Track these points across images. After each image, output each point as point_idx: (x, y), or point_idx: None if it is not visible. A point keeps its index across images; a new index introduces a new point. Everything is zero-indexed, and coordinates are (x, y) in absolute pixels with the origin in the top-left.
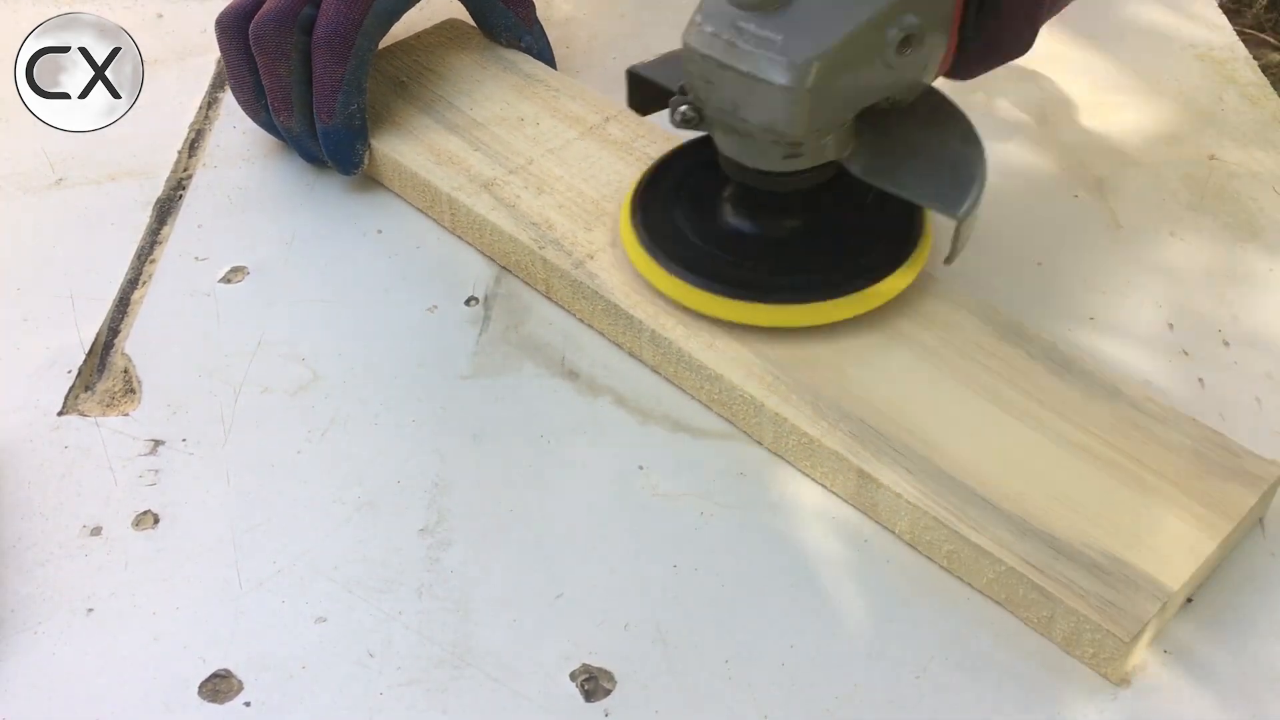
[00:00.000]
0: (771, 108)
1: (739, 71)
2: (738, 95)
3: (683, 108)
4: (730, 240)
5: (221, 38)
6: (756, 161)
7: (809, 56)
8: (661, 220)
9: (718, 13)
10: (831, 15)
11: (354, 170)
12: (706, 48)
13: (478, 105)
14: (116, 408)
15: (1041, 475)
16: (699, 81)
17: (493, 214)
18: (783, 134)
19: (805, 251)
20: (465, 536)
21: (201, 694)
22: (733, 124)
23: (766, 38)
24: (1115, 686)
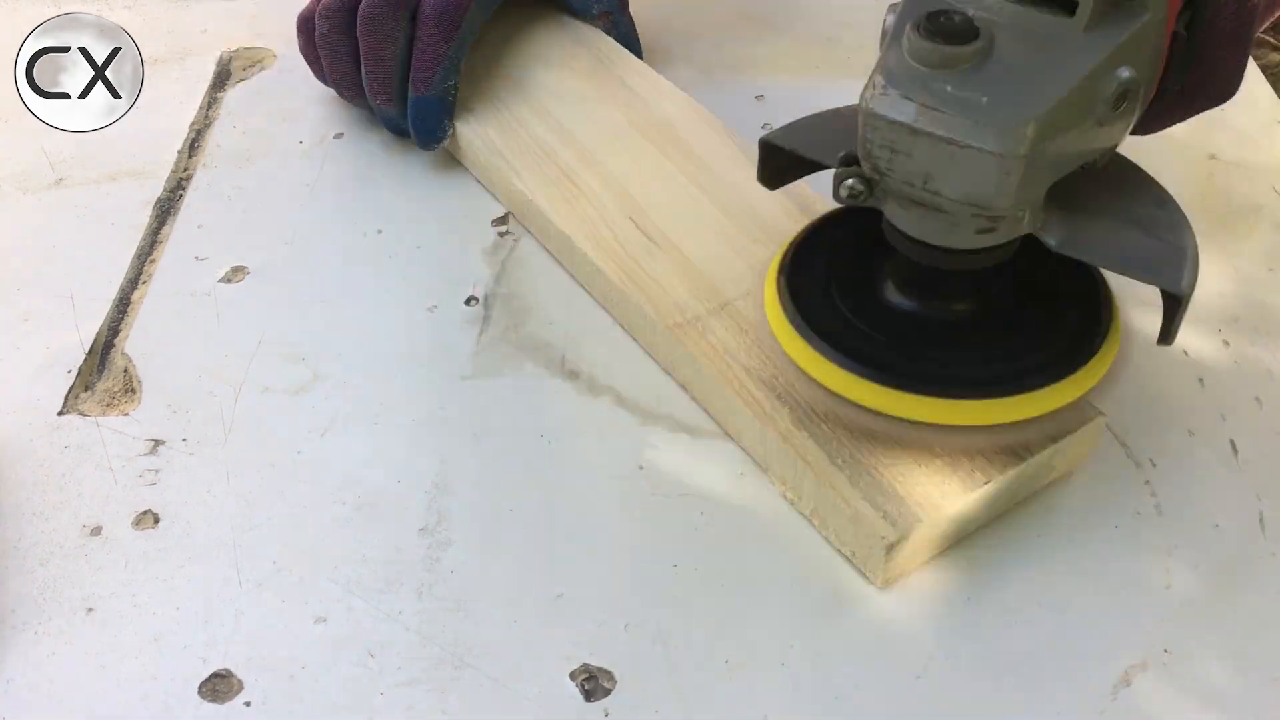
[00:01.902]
0: (976, 177)
1: (937, 138)
2: (933, 165)
3: (850, 180)
4: (890, 320)
5: (323, 23)
6: (944, 239)
7: (1023, 118)
8: (812, 293)
9: (904, 73)
10: (1041, 71)
11: (434, 145)
12: (895, 112)
13: (569, 106)
14: (116, 407)
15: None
16: (881, 151)
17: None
18: (986, 206)
19: (980, 337)
20: (465, 536)
21: (201, 694)
22: (920, 197)
23: (969, 99)
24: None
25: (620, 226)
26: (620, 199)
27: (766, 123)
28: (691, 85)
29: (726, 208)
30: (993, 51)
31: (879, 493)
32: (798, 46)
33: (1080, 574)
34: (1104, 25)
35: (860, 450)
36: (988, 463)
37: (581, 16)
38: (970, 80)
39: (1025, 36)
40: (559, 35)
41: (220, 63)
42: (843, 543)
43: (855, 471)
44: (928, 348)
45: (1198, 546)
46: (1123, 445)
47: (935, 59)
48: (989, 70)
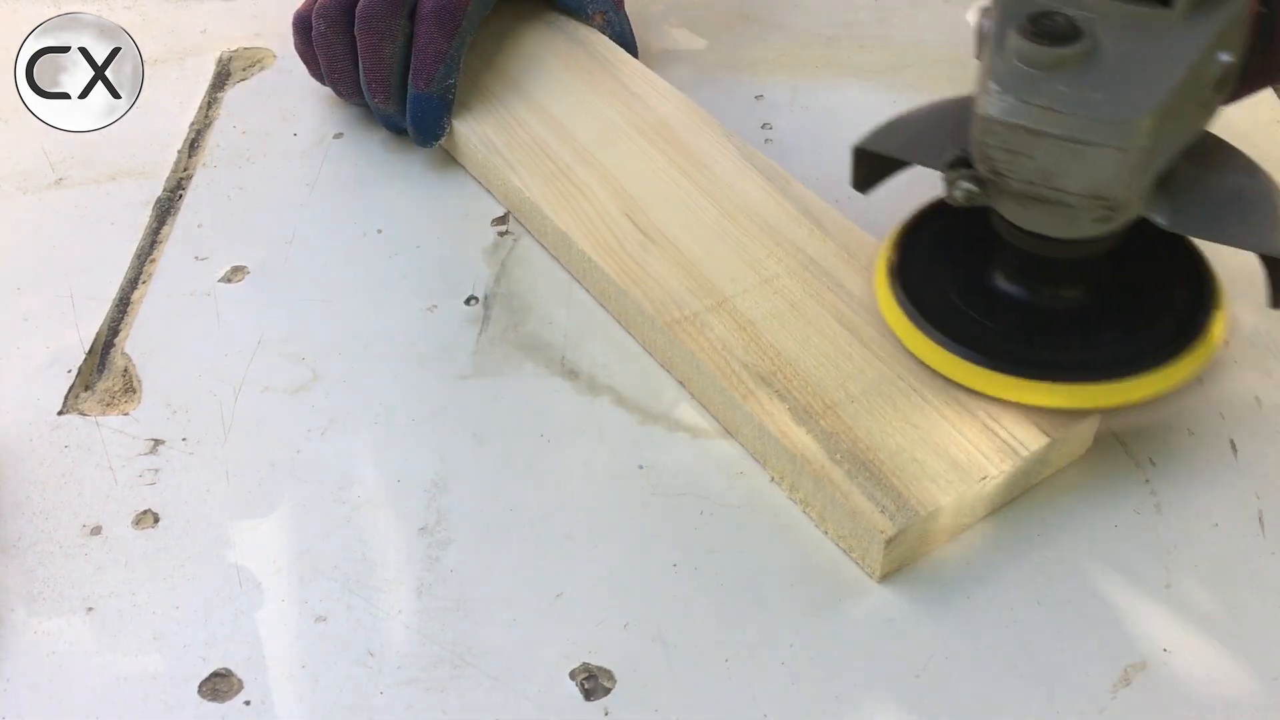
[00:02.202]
0: (1099, 172)
1: (1057, 137)
2: (1055, 163)
3: (964, 183)
4: (1005, 310)
5: (320, 21)
6: (1063, 230)
7: (1142, 111)
8: (924, 283)
9: (1015, 76)
10: (1148, 64)
11: (433, 142)
12: (1014, 115)
13: (562, 103)
14: (116, 407)
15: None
16: (1000, 153)
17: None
18: (1110, 197)
19: (1092, 323)
20: (465, 536)
21: (201, 693)
22: (1040, 193)
23: (1086, 98)
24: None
25: (617, 223)
26: (617, 196)
27: (766, 122)
28: (691, 85)
29: (723, 205)
30: (1098, 48)
31: (877, 487)
32: (798, 46)
33: (1080, 573)
34: (1199, 13)
35: (858, 445)
36: (984, 458)
37: (577, 15)
38: (1082, 79)
39: (1126, 31)
40: (555, 34)
41: (220, 63)
42: (840, 538)
43: (853, 466)
44: (1036, 333)
45: (1197, 546)
46: (1122, 444)
47: (1044, 60)
48: (1098, 67)
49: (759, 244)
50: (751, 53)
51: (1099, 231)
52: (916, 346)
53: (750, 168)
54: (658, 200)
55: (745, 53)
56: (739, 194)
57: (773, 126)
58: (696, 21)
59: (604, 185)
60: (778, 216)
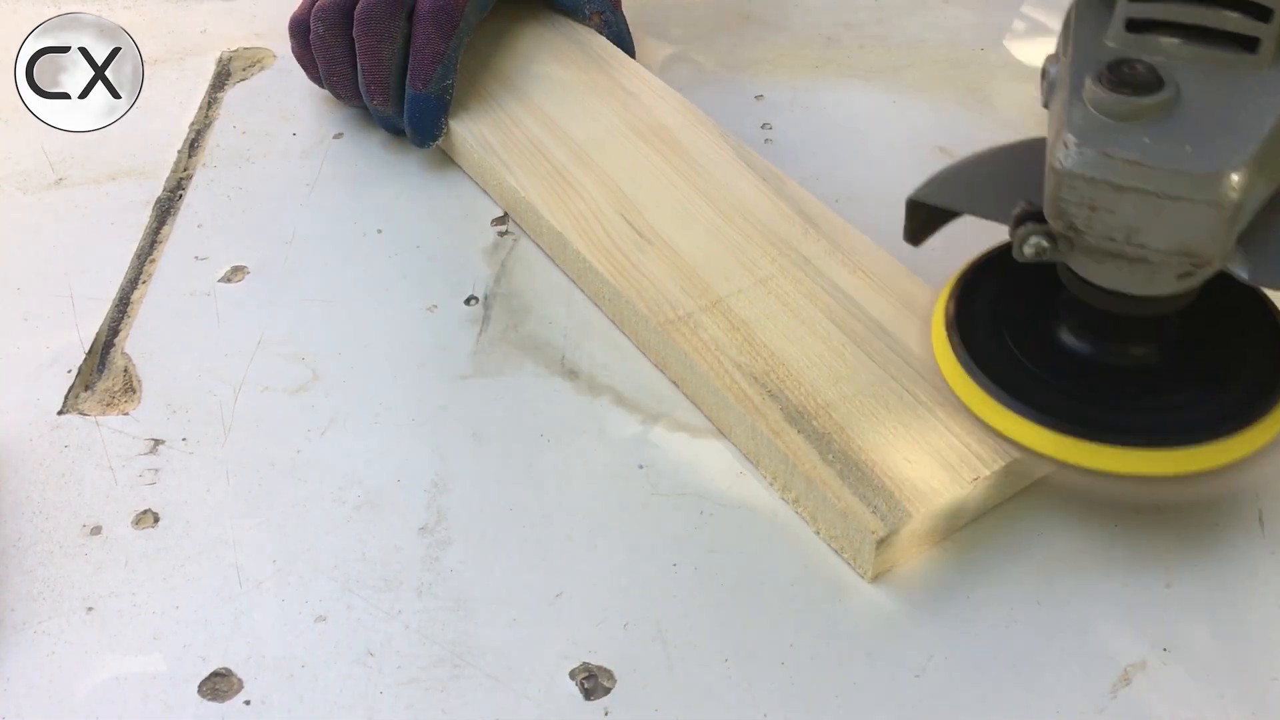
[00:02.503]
0: (1189, 228)
1: (1145, 192)
2: (1140, 219)
3: (1035, 239)
4: (1071, 368)
5: (318, 24)
6: (1143, 287)
7: (1233, 163)
8: (986, 337)
9: (1094, 129)
10: (1235, 114)
11: (430, 142)
12: (1096, 170)
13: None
14: (116, 407)
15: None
16: (1079, 210)
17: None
18: (1199, 254)
19: (1165, 382)
20: (465, 535)
21: (201, 693)
22: (1121, 250)
23: (1172, 151)
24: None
25: (612, 223)
26: (613, 196)
27: (766, 122)
28: (691, 85)
29: (718, 205)
30: (1180, 98)
31: (868, 488)
32: (798, 46)
33: (1079, 572)
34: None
35: (850, 446)
36: (976, 458)
37: (574, 16)
38: (1167, 131)
39: (1209, 79)
40: (552, 34)
41: (220, 63)
42: (833, 538)
43: (845, 466)
44: (1108, 393)
45: (1197, 545)
46: None
47: (1124, 111)
48: (1183, 118)
49: (754, 244)
50: (751, 53)
51: (1182, 288)
52: (977, 405)
53: (746, 168)
54: (653, 200)
55: (745, 53)
56: (734, 194)
57: (773, 126)
58: (696, 21)
59: (599, 185)
60: (773, 217)
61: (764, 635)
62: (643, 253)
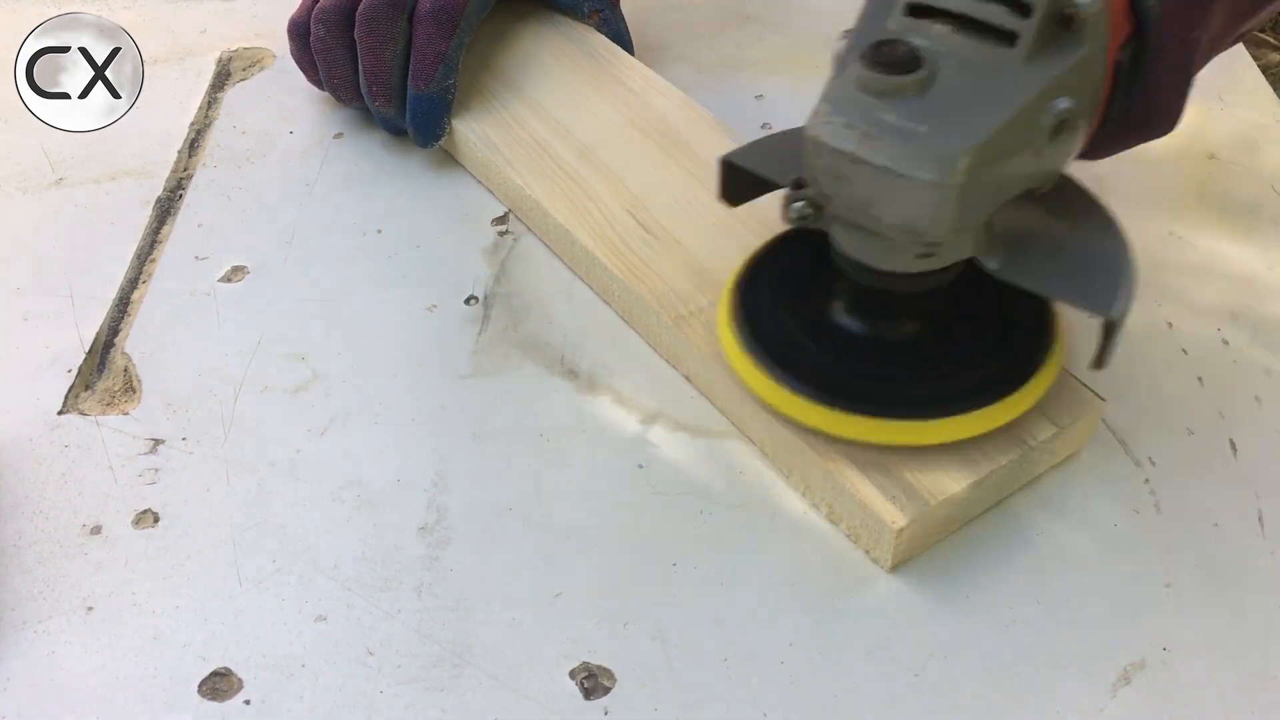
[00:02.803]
0: (913, 206)
1: (875, 166)
2: (872, 192)
3: (798, 204)
4: (840, 343)
5: (319, 26)
6: (885, 263)
7: (958, 149)
8: (764, 317)
9: (848, 101)
10: (979, 101)
11: (433, 143)
12: (837, 140)
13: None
14: (116, 407)
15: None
16: (825, 177)
17: (582, 233)
18: (923, 233)
19: (926, 359)
20: (465, 535)
21: (201, 692)
22: (862, 222)
23: (908, 129)
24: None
25: (620, 220)
26: (619, 193)
27: (766, 122)
28: (691, 85)
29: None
30: (935, 82)
31: (886, 478)
32: (797, 46)
33: (1079, 572)
34: (1043, 57)
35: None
36: (992, 447)
37: (573, 14)
38: (911, 110)
39: (968, 67)
40: (552, 33)
41: (220, 63)
42: (851, 529)
43: (863, 458)
44: (871, 367)
45: (1197, 545)
46: (1122, 444)
47: (879, 88)
48: (930, 100)
49: (760, 236)
50: (751, 53)
51: (923, 267)
52: (748, 376)
53: None
54: (658, 196)
55: (745, 53)
56: None
57: (773, 127)
58: (696, 21)
59: (605, 182)
60: (776, 209)
61: (763, 635)
62: (651, 249)
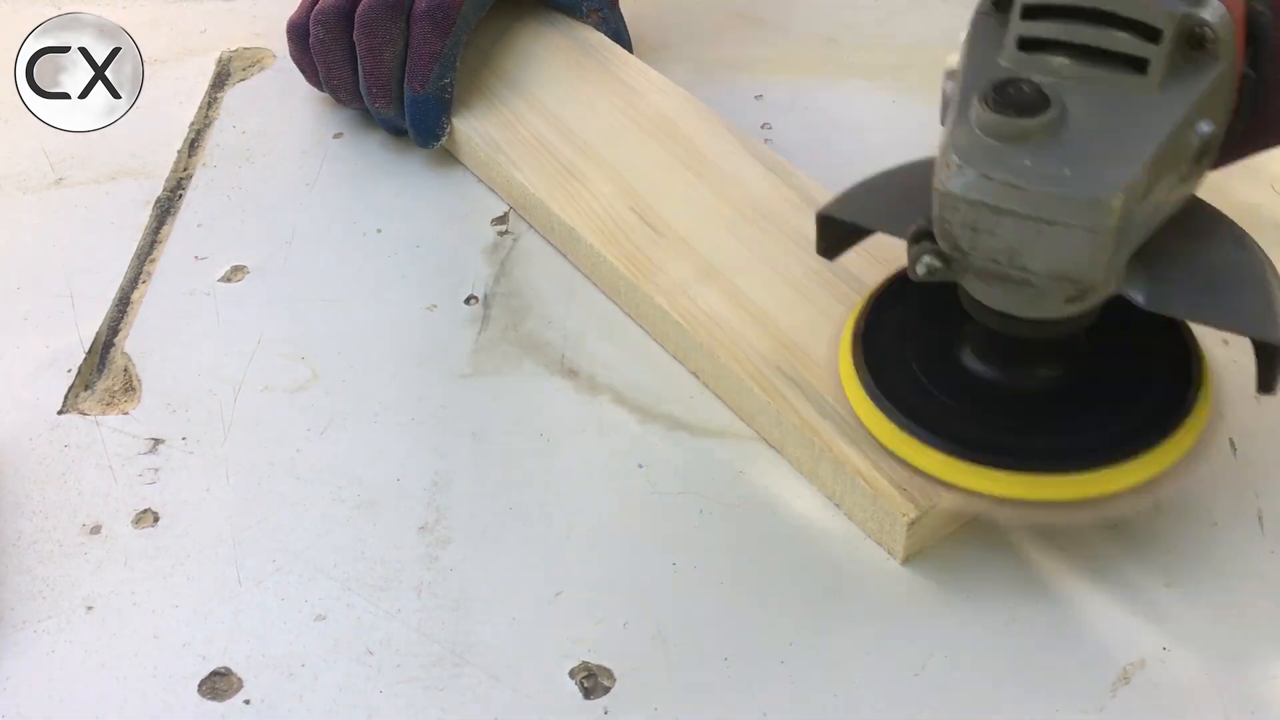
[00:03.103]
0: (1066, 252)
1: (1024, 216)
2: (1019, 241)
3: (927, 258)
4: (974, 391)
5: (318, 28)
6: (1032, 310)
7: (1112, 189)
8: (889, 362)
9: (977, 150)
10: (1120, 136)
11: (433, 143)
12: (975, 192)
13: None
14: (116, 406)
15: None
16: (961, 230)
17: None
18: (1078, 279)
19: (1070, 405)
20: (464, 534)
21: (201, 692)
22: (1005, 273)
23: (1051, 173)
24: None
25: (623, 218)
26: (621, 190)
27: (766, 122)
28: (691, 84)
29: (727, 196)
30: (1066, 119)
31: (896, 470)
32: (797, 46)
33: (1079, 572)
34: (1177, 81)
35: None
36: None
37: (572, 14)
38: (1049, 152)
39: (1097, 100)
40: (551, 32)
41: (220, 63)
42: (862, 522)
43: (873, 451)
44: (1013, 418)
45: (1196, 544)
46: None
47: (1008, 132)
48: (1066, 140)
49: (766, 235)
50: (751, 53)
51: (1070, 312)
52: (879, 430)
53: (752, 158)
54: (661, 193)
55: (745, 53)
56: (743, 185)
57: (772, 126)
58: (696, 21)
59: (608, 180)
60: (782, 206)
61: (763, 634)
62: (656, 246)
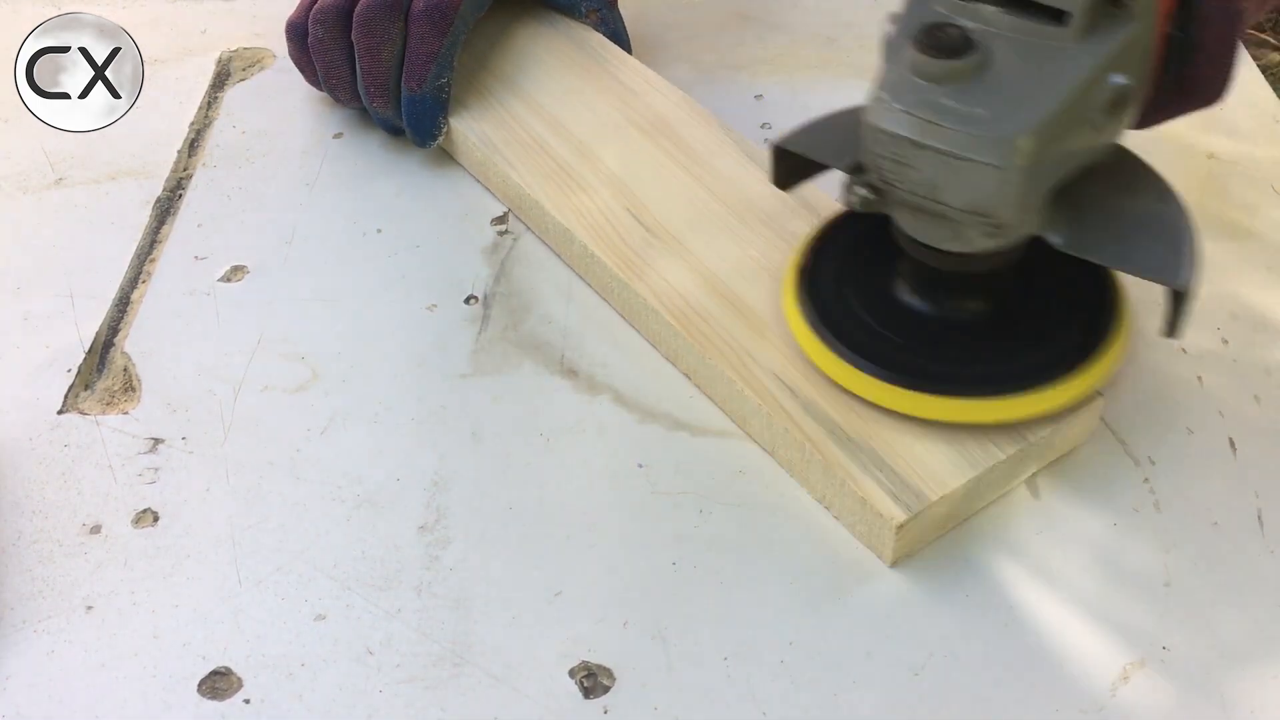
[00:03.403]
0: (979, 188)
1: (939, 151)
2: (938, 176)
3: (860, 189)
4: (909, 323)
5: (316, 27)
6: (951, 243)
7: (1021, 130)
8: (829, 296)
9: (906, 87)
10: (1036, 82)
11: (430, 143)
12: (899, 127)
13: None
14: (116, 406)
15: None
16: (888, 163)
17: (573, 225)
18: (990, 214)
19: (992, 336)
20: (464, 534)
21: (201, 691)
22: (926, 205)
23: (969, 113)
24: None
25: (619, 219)
26: (617, 191)
27: (765, 122)
28: (690, 84)
29: (723, 198)
30: (990, 64)
31: (886, 474)
32: (797, 46)
33: (1079, 571)
34: (1096, 33)
35: (865, 433)
36: (992, 443)
37: (570, 14)
38: (969, 94)
39: (1020, 47)
40: (549, 33)
41: (220, 63)
42: (851, 525)
43: (862, 454)
44: (940, 347)
45: (1196, 544)
46: (1121, 443)
47: (934, 72)
48: (986, 83)
49: (761, 236)
50: (751, 53)
51: (988, 247)
52: (817, 357)
53: (749, 160)
54: (657, 194)
55: (745, 53)
56: (739, 187)
57: (772, 126)
58: (696, 21)
59: (604, 181)
60: (778, 208)
61: (763, 634)
62: (650, 247)
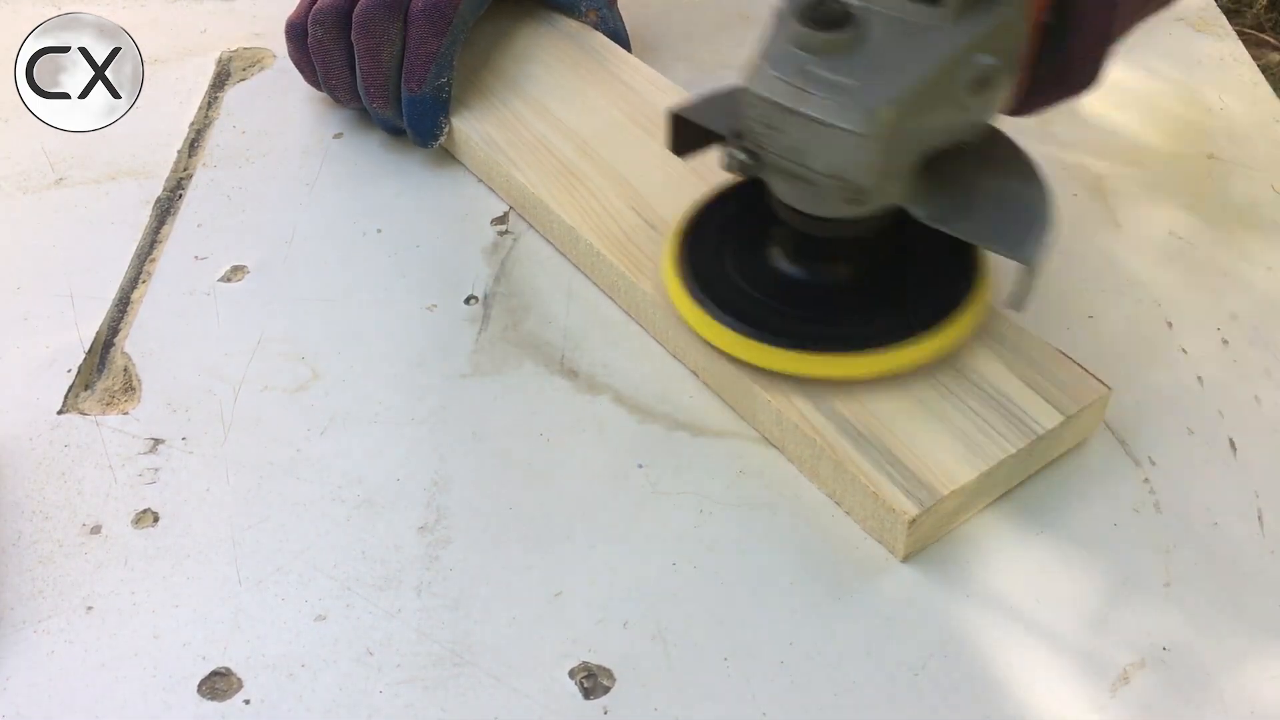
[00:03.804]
0: (841, 154)
1: (807, 117)
2: (804, 141)
3: (736, 153)
4: (780, 287)
5: (316, 28)
6: (817, 208)
7: (883, 101)
8: (707, 263)
9: (783, 56)
10: (904, 57)
11: (432, 143)
12: (771, 92)
13: (559, 99)
14: (116, 406)
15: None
16: (760, 127)
17: (567, 214)
18: (851, 181)
19: (860, 300)
20: (464, 534)
21: (201, 692)
22: (795, 170)
23: (837, 82)
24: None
25: (624, 216)
26: (621, 189)
27: None
28: (690, 84)
29: None
30: (865, 38)
31: (897, 469)
32: None
33: (1079, 572)
34: (969, 15)
35: (876, 428)
36: (1001, 435)
37: (570, 13)
38: (841, 65)
39: (897, 25)
40: (550, 32)
41: (220, 63)
42: (862, 520)
43: (872, 449)
44: (806, 309)
45: (1197, 544)
46: (1121, 443)
47: (811, 44)
48: (860, 56)
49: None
50: (750, 53)
51: (852, 213)
52: (691, 317)
53: None
54: (661, 192)
55: (745, 53)
56: None
57: None
58: (695, 21)
59: (608, 178)
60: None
61: (763, 634)
62: (656, 245)
